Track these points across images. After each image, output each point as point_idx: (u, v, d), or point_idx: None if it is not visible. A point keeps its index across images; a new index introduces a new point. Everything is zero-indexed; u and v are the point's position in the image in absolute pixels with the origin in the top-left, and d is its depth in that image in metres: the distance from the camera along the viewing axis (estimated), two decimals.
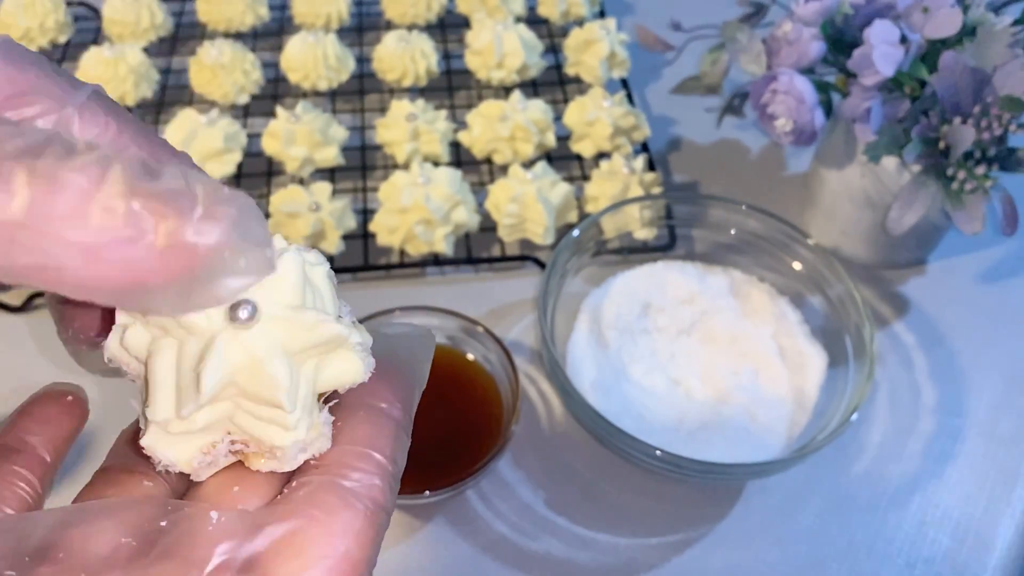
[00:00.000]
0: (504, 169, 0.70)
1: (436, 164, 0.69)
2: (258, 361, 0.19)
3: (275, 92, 0.77)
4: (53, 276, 0.15)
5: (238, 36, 0.81)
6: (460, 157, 0.72)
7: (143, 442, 0.20)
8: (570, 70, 0.78)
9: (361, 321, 0.22)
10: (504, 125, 0.68)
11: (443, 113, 0.71)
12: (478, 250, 0.66)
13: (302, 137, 0.67)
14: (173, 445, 0.20)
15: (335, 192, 0.65)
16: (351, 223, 0.64)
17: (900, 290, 0.64)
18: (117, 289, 0.15)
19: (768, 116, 0.59)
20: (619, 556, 0.51)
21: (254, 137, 0.72)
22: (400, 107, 0.70)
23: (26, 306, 0.61)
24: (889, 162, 0.57)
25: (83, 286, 0.15)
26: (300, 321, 0.19)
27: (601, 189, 0.65)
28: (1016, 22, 0.54)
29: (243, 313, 0.18)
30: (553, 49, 0.82)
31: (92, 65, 0.72)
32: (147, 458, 0.20)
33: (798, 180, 0.72)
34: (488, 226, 0.65)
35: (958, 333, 0.62)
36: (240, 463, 0.21)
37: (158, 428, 0.19)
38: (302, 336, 0.19)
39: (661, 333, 0.58)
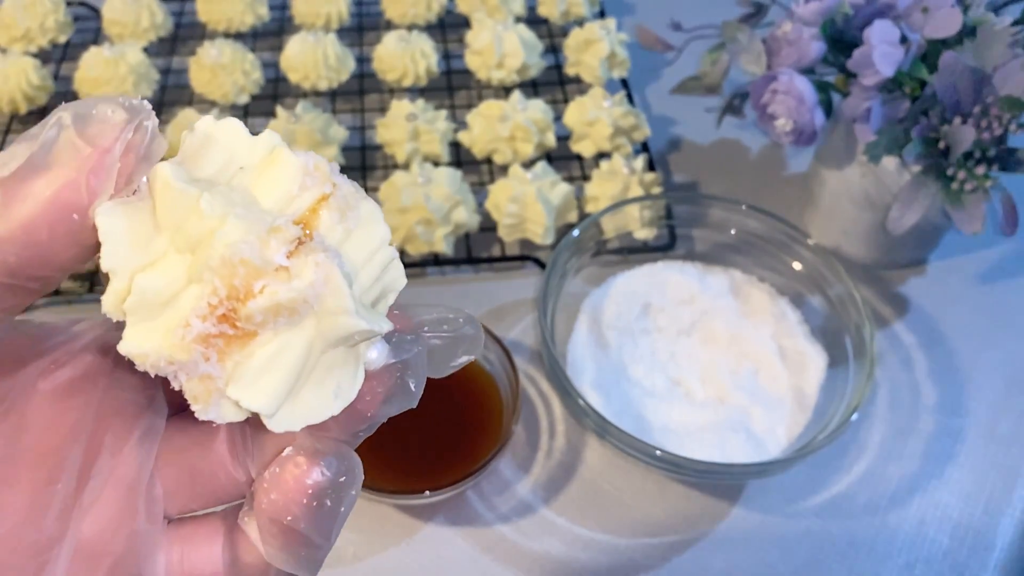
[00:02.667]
0: (504, 169, 0.70)
1: (436, 164, 0.69)
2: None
3: (275, 92, 0.77)
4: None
5: (238, 36, 0.81)
6: (460, 157, 0.72)
7: (120, 348, 0.18)
8: (570, 70, 0.78)
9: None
10: (504, 125, 0.68)
11: (443, 113, 0.71)
12: (478, 250, 0.66)
13: (302, 137, 0.67)
14: (148, 335, 0.17)
15: None
16: None
17: (900, 290, 0.64)
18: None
19: (768, 116, 0.59)
20: (619, 556, 0.51)
21: None
22: (400, 107, 0.70)
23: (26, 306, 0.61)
24: (889, 162, 0.57)
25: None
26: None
27: (601, 189, 0.65)
28: (1016, 22, 0.54)
29: (144, 179, 0.18)
30: (553, 49, 0.82)
31: (92, 65, 0.72)
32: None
33: (798, 180, 0.72)
34: (488, 226, 0.65)
35: (958, 333, 0.62)
36: None
37: (128, 324, 0.18)
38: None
39: (661, 333, 0.58)
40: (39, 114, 0.75)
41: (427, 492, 0.48)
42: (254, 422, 0.19)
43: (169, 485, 0.21)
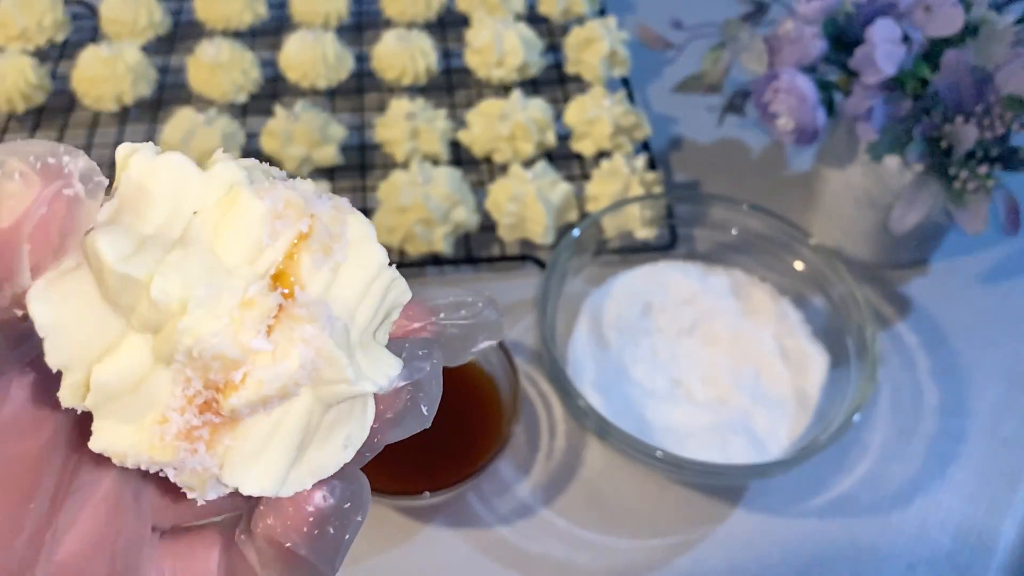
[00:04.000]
0: (504, 168, 0.69)
1: (435, 163, 0.69)
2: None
3: (274, 91, 0.77)
4: None
5: (236, 35, 0.81)
6: (460, 156, 0.71)
7: (91, 445, 0.15)
8: (570, 69, 0.78)
9: None
10: (504, 124, 0.68)
11: (443, 112, 0.71)
12: (478, 250, 0.65)
13: (301, 136, 0.67)
14: (120, 432, 0.15)
15: (334, 191, 0.64)
16: None
17: (902, 290, 0.64)
18: None
19: (770, 115, 0.59)
20: (620, 557, 0.50)
21: (252, 136, 0.72)
22: (399, 106, 0.69)
23: None
24: (891, 161, 0.57)
25: None
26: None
27: (602, 188, 0.65)
28: (1018, 21, 0.53)
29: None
30: (553, 48, 0.82)
31: (90, 64, 0.72)
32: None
33: (800, 179, 0.72)
34: (488, 226, 0.65)
35: (960, 333, 0.61)
36: None
37: (95, 419, 0.15)
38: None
39: (662, 333, 0.58)
40: (36, 113, 0.75)
41: (427, 493, 0.47)
42: None
43: (159, 496, 0.19)
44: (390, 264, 0.17)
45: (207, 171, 0.15)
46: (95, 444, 0.15)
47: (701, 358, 0.56)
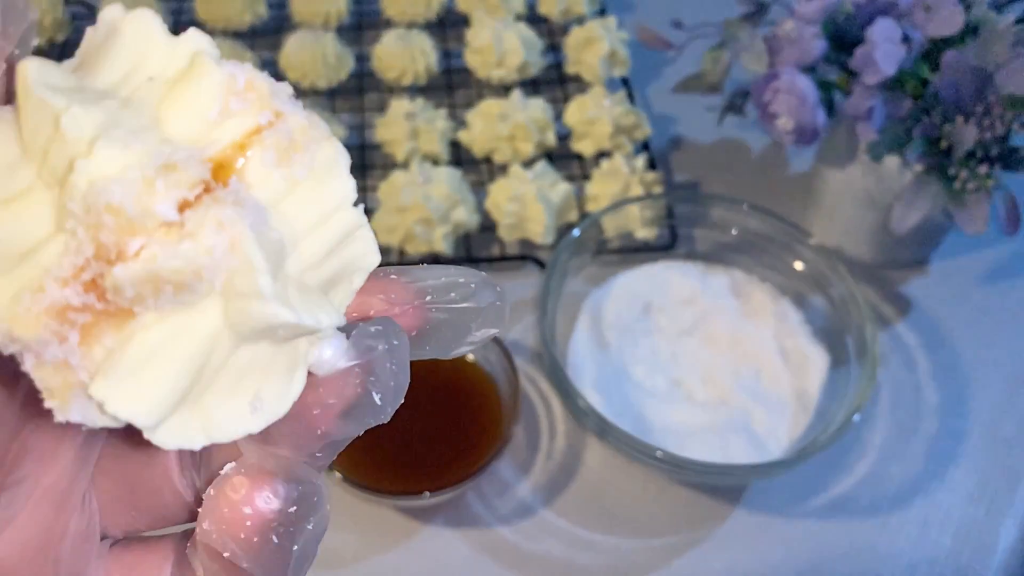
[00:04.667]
0: (504, 168, 0.69)
1: (435, 163, 0.69)
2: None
3: None
4: None
5: (236, 35, 0.81)
6: (460, 156, 0.71)
7: None
8: (570, 69, 0.78)
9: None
10: (504, 124, 0.68)
11: (443, 112, 0.71)
12: (478, 250, 0.65)
13: None
14: None
15: None
16: None
17: (902, 290, 0.64)
18: None
19: (770, 115, 0.59)
20: (620, 557, 0.50)
21: None
22: (399, 106, 0.69)
23: None
24: (891, 161, 0.57)
25: None
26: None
27: (602, 188, 0.65)
28: (1018, 20, 0.53)
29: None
30: (553, 47, 0.82)
31: None
32: None
33: (800, 179, 0.71)
34: (488, 226, 0.65)
35: (960, 333, 0.61)
36: None
37: None
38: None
39: (662, 333, 0.58)
40: None
41: (427, 493, 0.47)
42: None
43: (107, 499, 0.16)
44: (358, 205, 0.14)
45: (177, 37, 0.13)
46: None
47: (701, 358, 0.56)
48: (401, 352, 0.16)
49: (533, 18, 0.83)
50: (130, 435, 0.15)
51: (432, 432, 0.52)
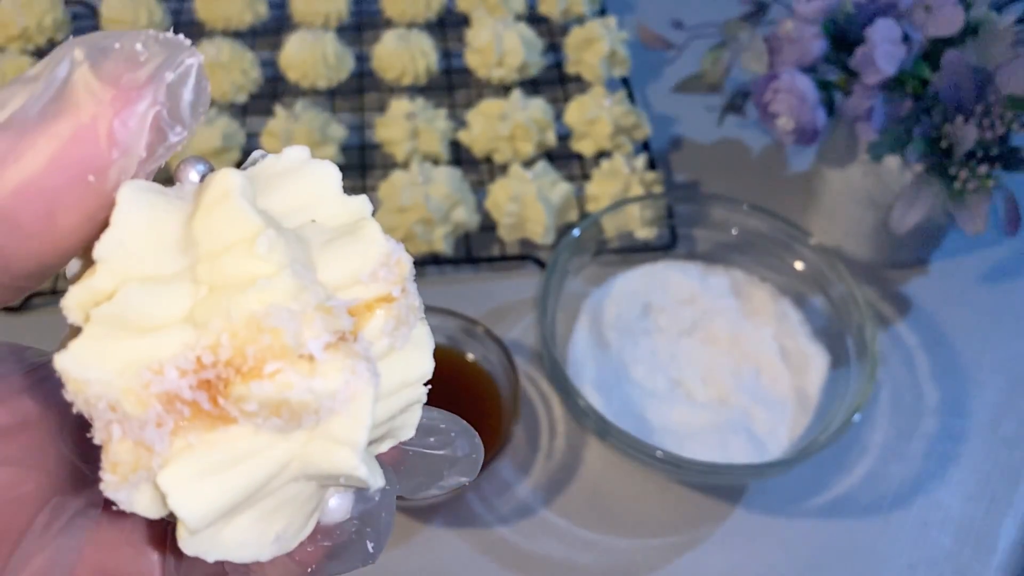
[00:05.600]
0: (504, 168, 0.69)
1: (436, 163, 0.69)
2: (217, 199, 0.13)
3: (274, 91, 0.77)
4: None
5: (236, 35, 0.81)
6: (460, 156, 0.71)
7: (57, 360, 0.13)
8: (571, 68, 0.78)
9: None
10: (504, 124, 0.68)
11: (443, 112, 0.71)
12: (478, 250, 0.65)
13: (301, 136, 0.67)
14: (101, 358, 0.13)
15: None
16: None
17: (902, 290, 0.64)
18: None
19: (770, 115, 0.59)
20: (620, 557, 0.50)
21: (253, 136, 0.72)
22: (399, 106, 0.69)
23: (25, 306, 0.61)
24: (891, 161, 0.57)
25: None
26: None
27: (602, 188, 0.65)
28: (1019, 20, 0.53)
29: (192, 174, 0.14)
30: (553, 47, 0.82)
31: None
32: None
33: (800, 179, 0.71)
34: (488, 225, 0.65)
35: (960, 333, 0.61)
36: None
37: (82, 332, 0.13)
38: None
39: (662, 333, 0.58)
40: None
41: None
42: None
43: None
44: (425, 384, 0.16)
45: (349, 196, 0.15)
46: (62, 359, 0.13)
47: (701, 358, 0.56)
48: (390, 497, 0.16)
49: (533, 18, 0.83)
50: (122, 524, 0.15)
51: None
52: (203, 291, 0.13)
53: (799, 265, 0.59)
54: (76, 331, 0.13)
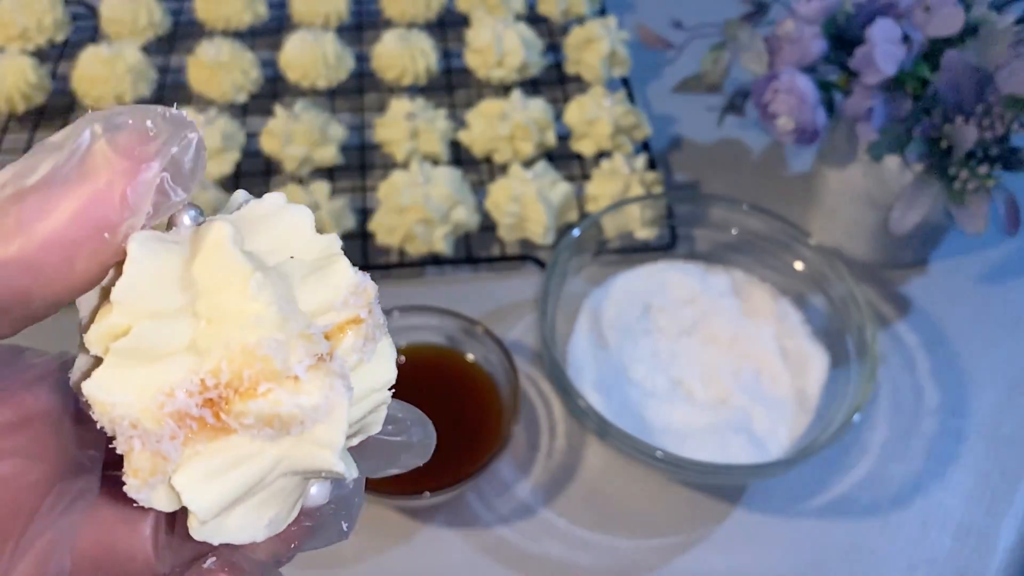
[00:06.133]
0: (504, 168, 0.69)
1: (435, 163, 0.69)
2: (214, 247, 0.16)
3: (274, 91, 0.77)
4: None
5: (236, 35, 0.81)
6: (460, 156, 0.71)
7: (85, 388, 0.15)
8: (570, 69, 0.78)
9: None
10: (504, 124, 0.68)
11: (443, 112, 0.71)
12: (478, 250, 0.65)
13: (301, 136, 0.67)
14: (122, 385, 0.15)
15: (334, 191, 0.65)
16: (350, 222, 0.64)
17: (902, 290, 0.64)
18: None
19: (770, 115, 0.59)
20: (620, 557, 0.50)
21: (253, 136, 0.72)
22: (399, 106, 0.69)
23: None
24: (891, 161, 0.57)
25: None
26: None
27: (602, 188, 0.65)
28: (1018, 21, 0.53)
29: (185, 219, 0.17)
30: (553, 47, 0.82)
31: (90, 64, 0.72)
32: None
33: (800, 179, 0.72)
34: (488, 226, 0.65)
35: (960, 333, 0.61)
36: None
37: (104, 364, 0.16)
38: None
39: (662, 333, 0.58)
40: (37, 113, 0.75)
41: (426, 493, 0.47)
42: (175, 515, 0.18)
43: (80, 560, 0.18)
44: (391, 389, 0.18)
45: (320, 234, 0.18)
46: (90, 384, 0.15)
47: (701, 358, 0.56)
48: (360, 482, 0.19)
49: (533, 18, 0.83)
50: (118, 505, 0.18)
51: None
52: (203, 324, 0.16)
53: (799, 265, 0.59)
54: (98, 361, 0.16)
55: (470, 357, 0.55)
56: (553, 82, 0.78)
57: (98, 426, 0.16)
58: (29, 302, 0.15)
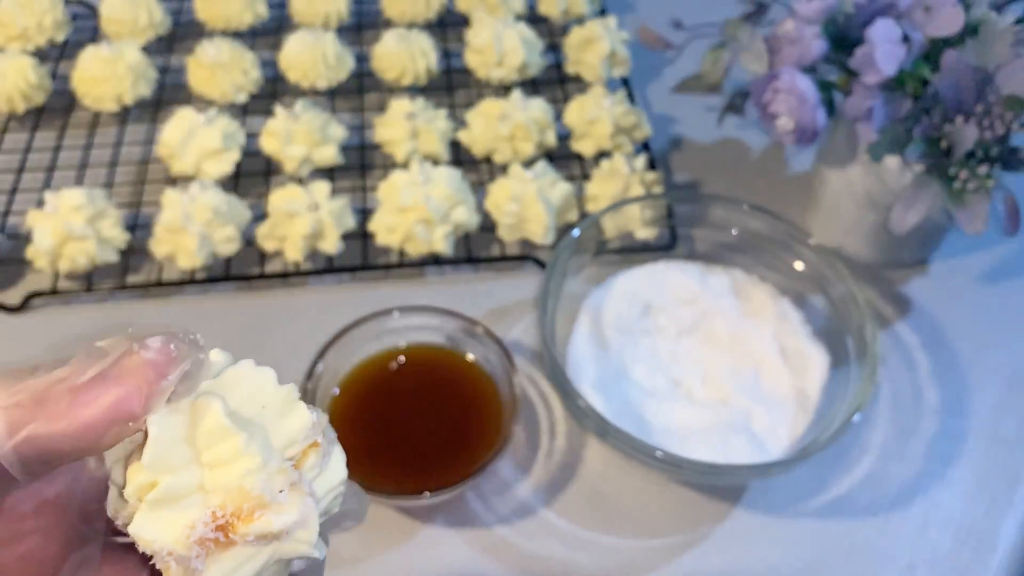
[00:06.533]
0: (504, 168, 0.69)
1: (436, 163, 0.69)
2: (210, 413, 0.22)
3: (274, 91, 0.77)
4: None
5: (236, 35, 0.81)
6: (460, 156, 0.71)
7: (131, 529, 0.22)
8: (570, 69, 0.78)
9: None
10: (504, 124, 0.68)
11: (443, 112, 0.71)
12: (478, 250, 0.65)
13: (301, 136, 0.67)
14: (158, 525, 0.22)
15: (334, 191, 0.65)
16: (350, 222, 0.64)
17: (902, 290, 0.64)
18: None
19: (770, 115, 0.59)
20: (620, 557, 0.50)
21: (253, 136, 0.72)
22: (399, 106, 0.69)
23: (25, 306, 0.61)
24: (891, 161, 0.57)
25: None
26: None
27: (602, 188, 0.65)
28: (1018, 21, 0.53)
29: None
30: (553, 47, 0.82)
31: (90, 64, 0.72)
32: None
33: (800, 179, 0.72)
34: (488, 226, 0.65)
35: (960, 333, 0.61)
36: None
37: (141, 510, 0.22)
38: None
39: (662, 333, 0.58)
40: (36, 113, 0.75)
41: (426, 493, 0.47)
42: None
43: None
44: (348, 477, 0.25)
45: (281, 386, 0.24)
46: (135, 528, 0.22)
47: (701, 358, 0.56)
48: (324, 553, 0.24)
49: (533, 18, 0.83)
50: (123, 568, 0.25)
51: (432, 432, 0.52)
52: (208, 472, 0.22)
53: (799, 265, 0.59)
54: (136, 508, 0.22)
55: (470, 357, 0.55)
56: (553, 82, 0.79)
57: (147, 554, 0.22)
58: (63, 460, 0.21)
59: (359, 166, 0.71)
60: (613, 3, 0.89)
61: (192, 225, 0.60)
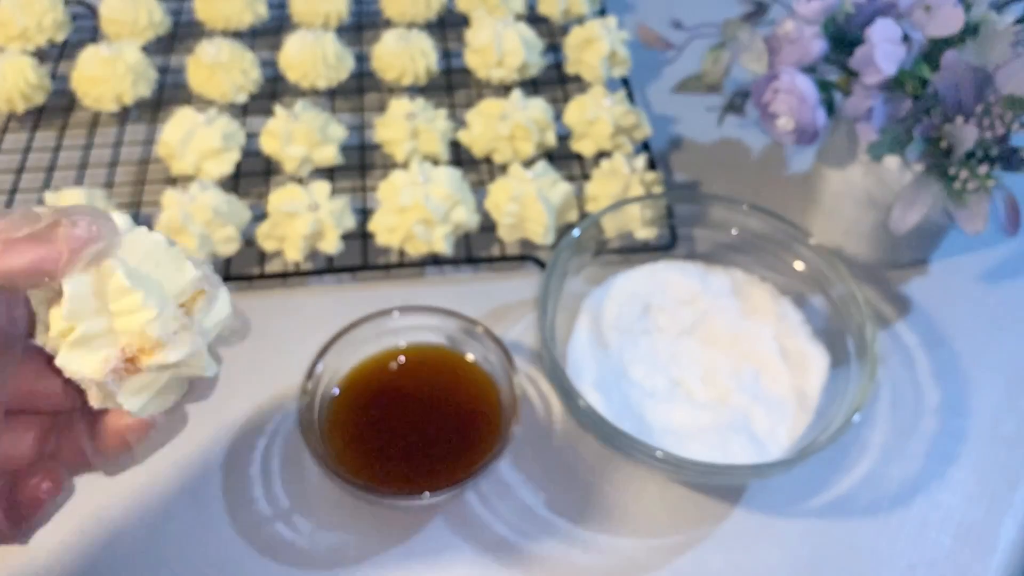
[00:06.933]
0: (504, 168, 0.69)
1: (435, 163, 0.69)
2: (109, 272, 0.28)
3: (274, 91, 0.77)
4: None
5: (236, 35, 0.81)
6: (460, 156, 0.71)
7: (57, 362, 0.28)
8: (570, 69, 0.78)
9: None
10: (504, 124, 0.68)
11: (443, 112, 0.71)
12: (478, 250, 0.65)
13: (301, 136, 0.67)
14: (78, 360, 0.28)
15: (334, 191, 0.65)
16: (350, 222, 0.64)
17: (902, 290, 0.64)
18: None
19: (770, 115, 0.59)
20: (620, 557, 0.50)
21: (252, 136, 0.72)
22: (399, 106, 0.69)
23: None
24: (891, 161, 0.57)
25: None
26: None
27: (602, 188, 0.65)
28: (1019, 21, 0.53)
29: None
30: (553, 47, 0.82)
31: (90, 64, 0.72)
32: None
33: (800, 179, 0.72)
34: (488, 226, 0.65)
35: (961, 333, 0.61)
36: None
37: (63, 348, 0.28)
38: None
39: (662, 333, 0.58)
40: (36, 113, 0.75)
41: (426, 493, 0.47)
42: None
43: (13, 394, 0.34)
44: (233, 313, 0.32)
45: (172, 246, 0.30)
46: (60, 360, 0.29)
47: (701, 358, 0.56)
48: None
49: (533, 18, 0.83)
50: (39, 364, 0.35)
51: (432, 432, 0.52)
52: (115, 319, 0.28)
53: (799, 265, 0.59)
54: (59, 343, 0.29)
55: (470, 357, 0.55)
56: (553, 82, 0.79)
57: (73, 381, 0.29)
58: None
59: (359, 166, 0.71)
60: (613, 3, 0.89)
61: (192, 225, 0.60)
